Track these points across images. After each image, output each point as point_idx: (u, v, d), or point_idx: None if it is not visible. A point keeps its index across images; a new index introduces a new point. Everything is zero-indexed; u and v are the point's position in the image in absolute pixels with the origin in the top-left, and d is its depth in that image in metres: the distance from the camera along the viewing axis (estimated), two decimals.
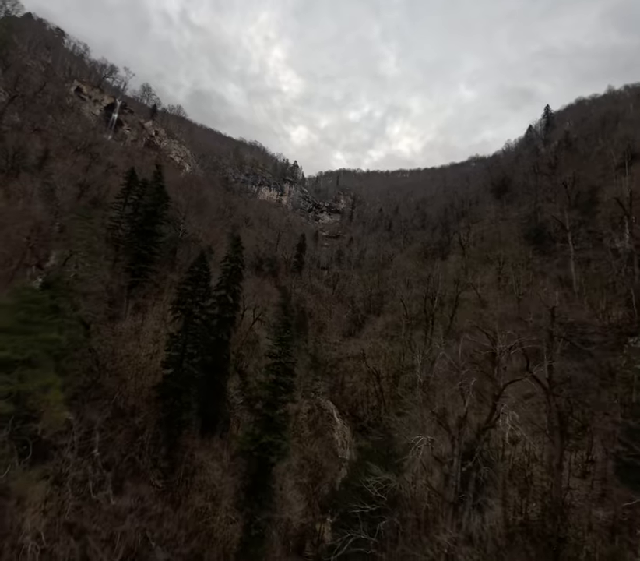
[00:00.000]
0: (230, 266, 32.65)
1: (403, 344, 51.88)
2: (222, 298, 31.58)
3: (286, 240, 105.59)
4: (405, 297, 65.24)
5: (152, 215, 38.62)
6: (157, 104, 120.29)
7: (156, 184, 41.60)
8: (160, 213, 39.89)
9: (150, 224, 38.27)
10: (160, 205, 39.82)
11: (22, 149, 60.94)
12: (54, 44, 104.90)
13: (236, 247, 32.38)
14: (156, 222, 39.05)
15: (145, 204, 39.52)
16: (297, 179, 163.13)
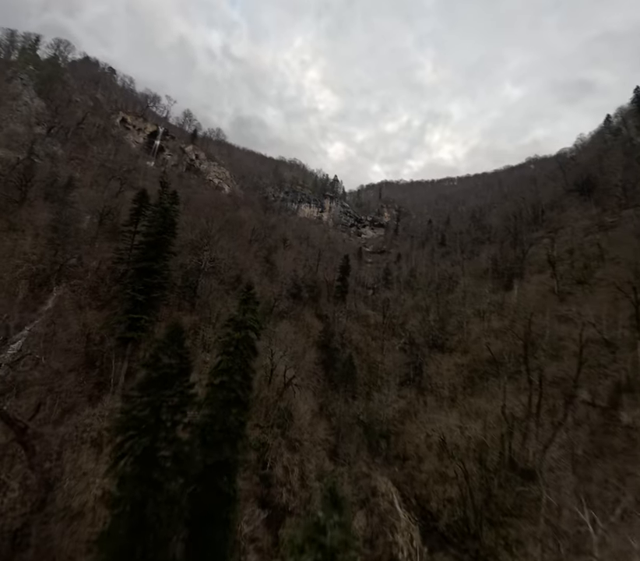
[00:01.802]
0: (234, 342, 19.57)
1: (491, 413, 36.36)
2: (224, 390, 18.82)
3: (327, 259, 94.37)
4: (481, 332, 49.76)
5: (152, 247, 28.99)
6: (198, 129, 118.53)
7: (159, 207, 32.28)
8: (163, 243, 30.17)
9: (148, 259, 28.58)
10: (165, 233, 30.15)
11: (49, 178, 57.02)
12: (105, 80, 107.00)
13: (246, 302, 20.23)
14: (158, 256, 29.31)
15: (146, 233, 30.18)
16: (337, 194, 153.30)
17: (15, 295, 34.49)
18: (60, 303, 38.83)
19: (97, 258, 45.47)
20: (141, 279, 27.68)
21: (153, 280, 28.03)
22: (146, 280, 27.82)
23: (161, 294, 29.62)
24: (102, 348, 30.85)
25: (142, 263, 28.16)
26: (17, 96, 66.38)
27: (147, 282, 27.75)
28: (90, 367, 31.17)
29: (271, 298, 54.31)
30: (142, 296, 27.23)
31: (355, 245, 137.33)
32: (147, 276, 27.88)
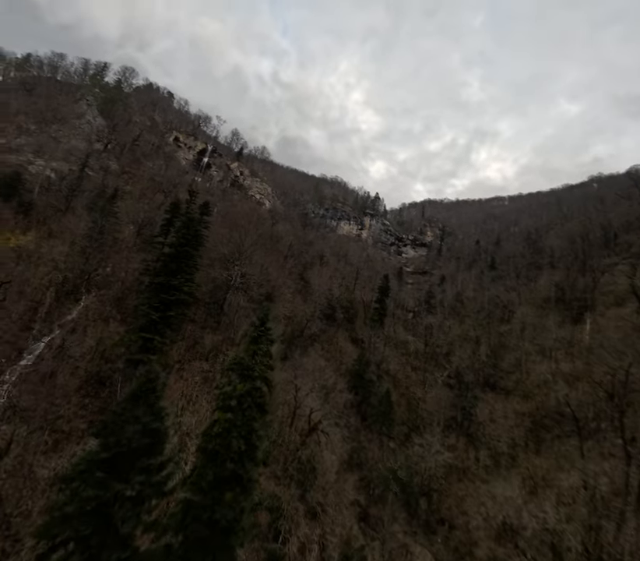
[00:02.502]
0: (236, 394, 13.66)
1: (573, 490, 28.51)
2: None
3: (365, 278, 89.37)
4: (546, 374, 41.57)
5: (172, 260, 26.33)
6: (244, 147, 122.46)
7: (184, 217, 29.94)
8: (185, 256, 27.43)
9: (167, 273, 25.86)
10: (188, 245, 27.47)
11: (97, 189, 59.07)
12: (163, 103, 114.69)
13: (257, 342, 14.17)
14: (179, 270, 26.54)
15: (170, 244, 27.74)
16: (378, 212, 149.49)
17: (41, 303, 33.66)
18: (85, 313, 37.70)
19: (128, 268, 44.77)
20: (157, 295, 24.99)
21: (171, 297, 25.23)
22: (163, 296, 25.08)
23: (179, 312, 26.68)
24: (113, 368, 28.29)
25: (159, 277, 25.60)
26: (81, 115, 71.58)
27: (164, 298, 25.00)
28: (100, 387, 28.63)
29: (302, 319, 50.30)
30: (157, 314, 24.45)
31: (395, 265, 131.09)
32: (164, 291, 25.19)
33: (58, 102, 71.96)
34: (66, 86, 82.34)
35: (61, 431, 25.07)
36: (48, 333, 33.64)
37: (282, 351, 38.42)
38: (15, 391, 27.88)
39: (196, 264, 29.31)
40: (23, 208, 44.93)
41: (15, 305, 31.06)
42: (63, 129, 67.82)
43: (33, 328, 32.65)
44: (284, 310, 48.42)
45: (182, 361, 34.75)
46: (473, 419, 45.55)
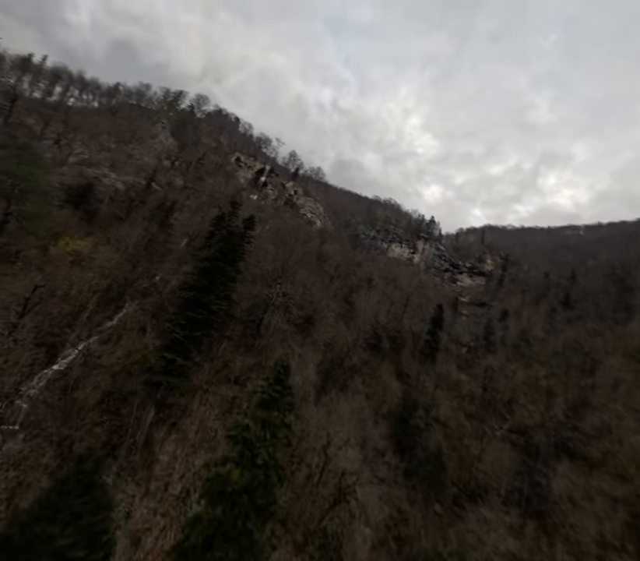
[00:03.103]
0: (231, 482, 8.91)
1: None
2: None
3: (415, 306, 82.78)
4: None
5: (205, 275, 24.13)
6: (300, 168, 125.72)
7: (224, 230, 28.10)
8: (219, 272, 25.11)
9: (198, 289, 23.60)
10: (222, 260, 25.23)
11: (157, 201, 61.99)
12: (230, 127, 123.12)
13: (270, 403, 9.41)
14: (211, 286, 24.21)
15: (204, 258, 25.79)
16: (432, 236, 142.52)
17: (84, 307, 33.64)
18: (125, 321, 37.21)
19: (173, 279, 44.56)
20: (185, 311, 22.77)
21: (198, 315, 22.81)
22: (190, 313, 22.76)
23: (207, 332, 24.13)
24: (136, 384, 26.23)
25: (189, 293, 23.46)
26: (155, 135, 78.05)
27: (191, 316, 22.65)
28: (121, 404, 26.60)
29: (344, 346, 45.83)
30: (182, 332, 22.06)
31: (448, 293, 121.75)
32: (192, 309, 22.90)
33: (138, 124, 79.42)
34: (146, 111, 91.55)
35: (69, 449, 23.08)
36: (85, 339, 33.26)
37: (316, 384, 34.19)
38: (38, 397, 27.01)
39: (231, 281, 27.04)
40: (88, 215, 47.68)
41: (56, 308, 31.14)
42: (138, 148, 73.90)
43: (71, 332, 32.48)
44: (324, 336, 44.49)
45: (210, 382, 32.09)
46: (546, 495, 36.39)
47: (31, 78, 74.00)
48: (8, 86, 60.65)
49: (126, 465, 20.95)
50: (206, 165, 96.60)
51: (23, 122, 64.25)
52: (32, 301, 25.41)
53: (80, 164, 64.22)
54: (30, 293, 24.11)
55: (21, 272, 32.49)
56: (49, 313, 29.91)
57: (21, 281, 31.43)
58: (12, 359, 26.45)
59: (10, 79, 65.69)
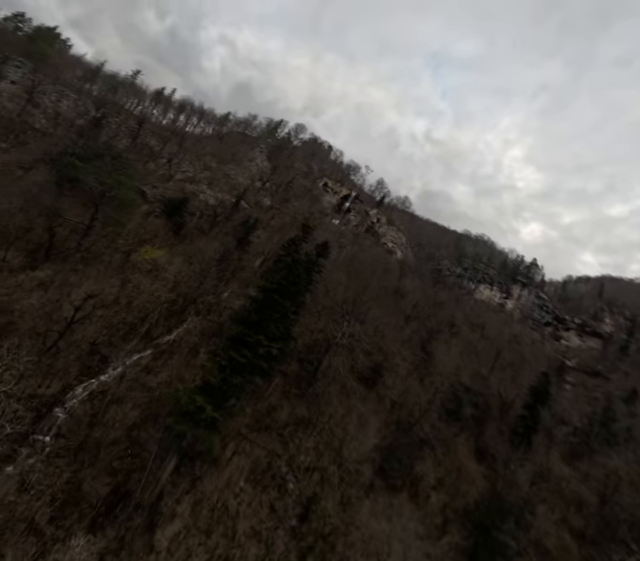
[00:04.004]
0: None
1: None
2: None
3: (505, 363, 68.99)
4: None
5: (257, 308, 20.00)
6: (386, 196, 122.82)
7: (289, 257, 24.11)
8: (272, 305, 20.74)
9: (246, 325, 19.45)
10: (278, 292, 20.91)
11: (242, 217, 63.43)
12: (322, 153, 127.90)
13: None
14: (262, 323, 19.92)
15: (260, 287, 21.97)
16: (532, 281, 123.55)
17: (145, 318, 32.81)
18: (182, 338, 35.60)
19: (238, 300, 42.70)
20: (228, 350, 18.81)
21: (241, 358, 18.57)
22: (233, 353, 18.69)
23: (247, 379, 19.65)
24: (162, 424, 22.72)
25: (236, 327, 19.56)
26: (253, 159, 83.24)
27: (233, 358, 18.55)
28: (148, 440, 23.34)
29: (415, 408, 37.46)
30: (219, 375, 17.87)
31: (549, 352, 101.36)
32: (236, 348, 18.85)
33: (238, 148, 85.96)
34: (249, 138, 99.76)
35: (77, 488, 20.07)
36: (141, 351, 32.11)
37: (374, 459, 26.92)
38: (76, 409, 25.46)
39: (289, 318, 22.67)
40: (176, 227, 49.82)
41: (118, 316, 30.59)
42: (235, 168, 79.05)
43: (127, 343, 31.57)
44: (392, 391, 37.02)
45: (250, 427, 27.43)
46: None
47: (162, 108, 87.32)
48: (139, 113, 70.58)
49: (123, 534, 16.86)
50: (295, 188, 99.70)
51: (148, 143, 73.55)
52: (86, 309, 24.49)
53: (184, 180, 70.27)
54: (82, 301, 23.10)
55: (100, 275, 33.36)
56: (109, 321, 29.31)
57: (98, 284, 32.00)
58: (61, 365, 25.64)
59: (144, 108, 77.23)
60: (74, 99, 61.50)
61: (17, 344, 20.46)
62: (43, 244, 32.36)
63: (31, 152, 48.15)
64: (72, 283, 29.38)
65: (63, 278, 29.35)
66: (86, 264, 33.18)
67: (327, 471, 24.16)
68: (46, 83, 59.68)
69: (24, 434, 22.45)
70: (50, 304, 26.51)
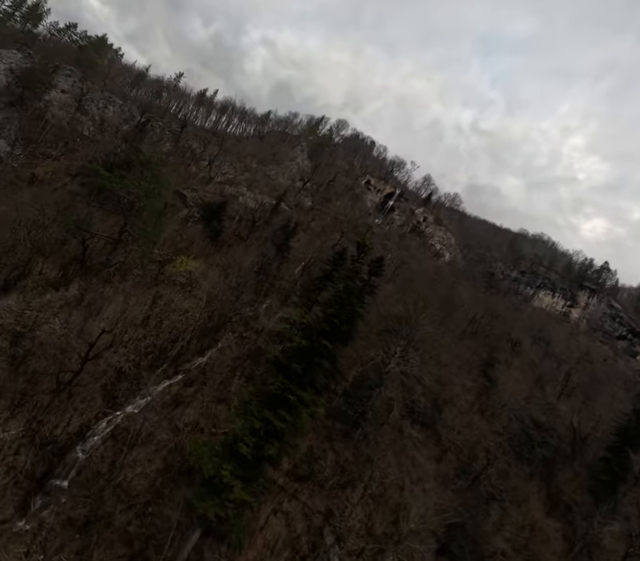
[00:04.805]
0: None
1: None
2: None
3: (573, 384, 59.26)
4: None
5: (300, 357, 15.42)
6: (433, 193, 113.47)
7: (341, 284, 19.09)
8: (320, 352, 15.97)
9: (286, 374, 14.97)
10: (330, 336, 16.08)
11: (282, 221, 59.67)
12: (364, 149, 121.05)
13: None
14: (304, 377, 15.36)
15: (309, 331, 17.22)
16: (602, 287, 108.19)
17: (177, 339, 29.86)
18: (216, 360, 32.38)
19: (278, 312, 38.77)
20: (262, 409, 14.52)
21: (277, 422, 14.12)
22: (267, 413, 14.40)
23: (285, 447, 15.18)
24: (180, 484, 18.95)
25: (273, 379, 15.16)
26: (294, 158, 79.35)
27: (268, 419, 14.17)
28: (169, 500, 19.84)
29: (479, 451, 31.20)
30: (250, 441, 13.47)
31: (624, 371, 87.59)
32: (271, 406, 14.55)
33: (279, 148, 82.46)
34: (290, 137, 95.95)
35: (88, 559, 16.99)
36: (171, 376, 29.20)
37: (437, 536, 21.43)
38: (98, 448, 22.82)
39: (335, 364, 17.80)
40: (214, 233, 47.05)
41: (149, 338, 27.77)
42: (276, 168, 75.64)
43: (158, 367, 28.79)
44: (451, 433, 30.91)
45: (288, 476, 23.23)
46: None
47: (205, 110, 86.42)
48: (182, 115, 69.22)
49: None
50: (336, 187, 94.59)
51: (190, 146, 72.21)
52: (113, 332, 21.50)
53: (224, 182, 68.02)
54: (96, 338, 20.07)
55: (131, 290, 30.90)
56: (137, 345, 26.51)
57: (127, 301, 29.51)
58: (84, 397, 23.05)
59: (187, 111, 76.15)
60: (120, 105, 61.31)
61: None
62: (77, 257, 30.40)
63: (79, 159, 47.71)
64: (99, 303, 26.94)
65: (91, 297, 27.01)
66: (117, 279, 30.84)
67: (381, 548, 19.27)
68: (94, 91, 59.82)
69: (41, 478, 20.04)
70: (75, 327, 24.07)
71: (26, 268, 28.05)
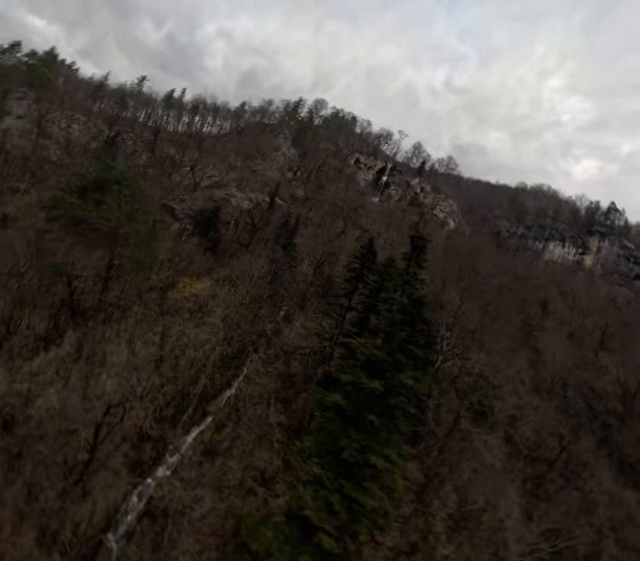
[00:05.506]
0: None
1: None
2: None
3: (606, 338, 53.82)
4: None
5: (367, 403, 10.17)
6: (426, 160, 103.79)
7: (396, 301, 13.53)
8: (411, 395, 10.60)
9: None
10: (405, 368, 10.65)
11: (282, 218, 53.12)
12: (347, 128, 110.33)
13: None
14: (382, 432, 10.00)
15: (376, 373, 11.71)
16: (612, 229, 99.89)
17: (195, 380, 24.91)
18: (246, 387, 27.52)
19: (305, 325, 33.36)
20: (321, 453, 9.50)
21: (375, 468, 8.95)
22: (328, 459, 9.35)
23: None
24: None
25: (340, 441, 9.96)
26: (278, 148, 71.20)
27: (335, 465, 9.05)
28: None
29: (548, 437, 26.17)
30: (334, 496, 8.84)
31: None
32: (332, 451, 9.40)
33: (261, 139, 74.01)
34: (269, 126, 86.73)
35: None
36: (198, 422, 24.45)
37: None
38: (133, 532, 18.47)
39: (420, 415, 12.39)
40: (212, 244, 41.07)
41: (167, 387, 22.76)
42: (262, 163, 67.96)
43: (182, 414, 24.03)
44: (519, 427, 25.88)
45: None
46: None
47: (175, 112, 77.62)
48: (153, 122, 61.22)
49: None
50: (326, 171, 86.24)
51: (168, 153, 64.60)
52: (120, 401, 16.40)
53: (211, 186, 61.03)
54: (103, 415, 14.91)
55: (136, 329, 25.68)
56: (154, 396, 21.54)
57: (132, 343, 24.38)
58: (106, 473, 18.37)
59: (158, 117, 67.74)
60: (84, 122, 53.71)
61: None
62: (66, 303, 25.01)
63: (51, 188, 41.25)
64: (100, 354, 21.78)
65: (90, 349, 21.85)
66: (116, 318, 25.53)
67: None
68: (53, 111, 52.17)
69: None
70: (76, 392, 19.08)
71: (10, 325, 22.83)
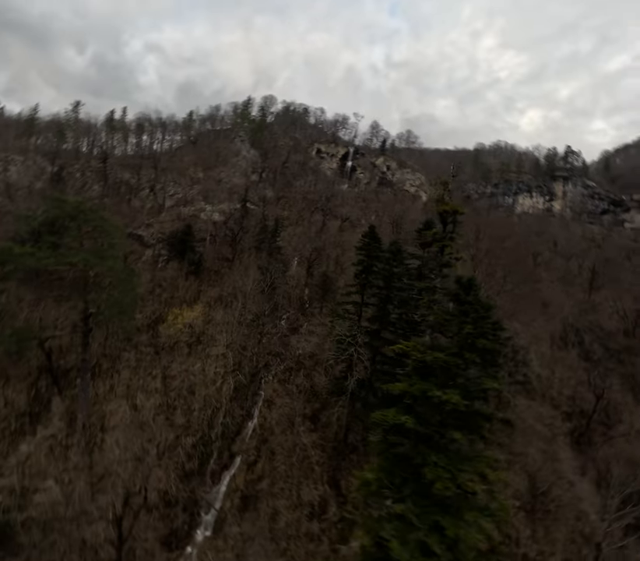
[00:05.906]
0: None
1: None
2: None
3: (586, 276, 52.68)
4: None
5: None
6: (386, 138, 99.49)
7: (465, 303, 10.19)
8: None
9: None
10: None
11: (259, 224, 49.00)
12: (301, 120, 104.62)
13: None
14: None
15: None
16: (573, 172, 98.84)
17: (211, 421, 21.64)
18: (268, 414, 24.41)
19: (308, 333, 30.15)
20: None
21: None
22: None
23: None
24: None
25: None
26: (237, 152, 66.02)
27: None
28: None
29: (585, 393, 24.22)
30: (429, 536, 6.33)
31: (616, 241, 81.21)
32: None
33: (217, 146, 68.50)
34: (223, 132, 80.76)
35: None
36: (227, 466, 21.27)
37: None
38: None
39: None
40: (194, 266, 36.98)
41: (184, 440, 19.40)
42: (225, 170, 62.90)
43: (209, 460, 20.84)
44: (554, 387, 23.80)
45: None
46: None
47: (120, 135, 70.70)
48: (99, 149, 55.15)
49: None
50: (290, 167, 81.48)
51: (122, 179, 58.81)
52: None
53: (177, 205, 55.97)
54: (121, 510, 11.52)
55: (132, 380, 22.03)
56: (174, 460, 18.14)
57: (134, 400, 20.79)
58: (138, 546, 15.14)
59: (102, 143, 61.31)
60: (21, 161, 47.52)
61: None
62: (44, 368, 21.07)
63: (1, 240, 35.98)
64: (96, 420, 18.18)
65: (83, 418, 18.19)
66: (105, 370, 21.79)
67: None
68: None
69: None
70: (80, 482, 15.57)
71: None
